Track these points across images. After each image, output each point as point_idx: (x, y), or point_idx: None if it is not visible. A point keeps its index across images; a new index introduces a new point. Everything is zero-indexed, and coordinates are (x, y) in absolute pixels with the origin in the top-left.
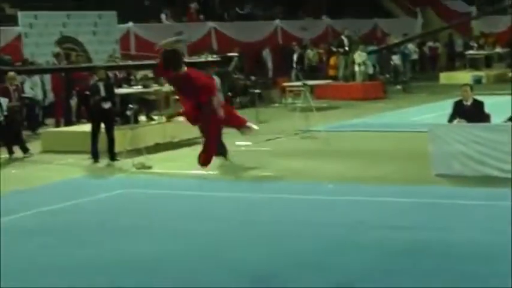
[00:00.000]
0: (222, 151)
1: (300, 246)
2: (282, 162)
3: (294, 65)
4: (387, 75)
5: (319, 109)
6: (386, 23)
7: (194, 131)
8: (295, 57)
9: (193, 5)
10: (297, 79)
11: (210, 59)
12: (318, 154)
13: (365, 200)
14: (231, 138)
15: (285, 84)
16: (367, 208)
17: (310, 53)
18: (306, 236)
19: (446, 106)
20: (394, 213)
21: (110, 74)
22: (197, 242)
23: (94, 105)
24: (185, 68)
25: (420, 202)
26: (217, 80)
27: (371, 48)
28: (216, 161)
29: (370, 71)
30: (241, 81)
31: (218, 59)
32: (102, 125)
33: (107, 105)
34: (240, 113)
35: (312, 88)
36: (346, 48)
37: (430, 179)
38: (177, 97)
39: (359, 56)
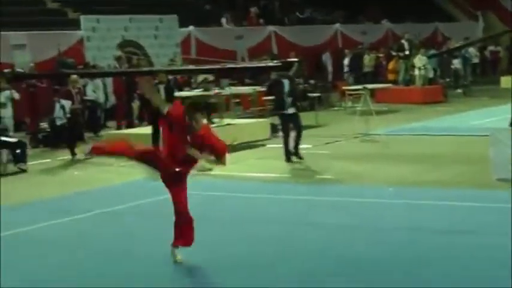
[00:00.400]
0: (288, 154)
1: (361, 249)
2: (341, 165)
3: (346, 69)
4: (448, 79)
5: (378, 113)
6: (447, 26)
7: (255, 134)
8: (346, 61)
9: (254, 9)
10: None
11: (270, 64)
12: (378, 157)
13: (426, 203)
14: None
15: (345, 87)
16: (428, 212)
17: (367, 57)
18: (367, 240)
19: (507, 110)
20: (456, 218)
21: (171, 77)
22: (257, 245)
23: (153, 108)
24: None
25: (481, 206)
26: (286, 83)
27: (431, 52)
28: (280, 164)
29: (431, 74)
30: (300, 86)
31: (279, 63)
32: None
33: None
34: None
35: (372, 92)
36: (407, 52)
37: (491, 184)
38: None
39: (419, 60)
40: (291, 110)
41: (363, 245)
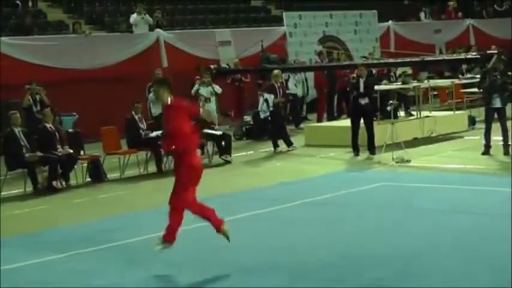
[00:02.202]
0: (486, 147)
1: None
2: None
3: None
4: None
5: None
6: None
7: (453, 126)
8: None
9: (452, 3)
10: None
11: (469, 56)
12: None
13: None
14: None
15: None
16: None
17: None
18: None
19: None
20: None
21: (374, 71)
22: (452, 236)
23: (352, 101)
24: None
25: None
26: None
27: None
28: (478, 156)
29: None
30: (498, 78)
31: (477, 56)
32: (362, 120)
33: (363, 101)
34: None
35: None
36: None
37: None
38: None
39: None
40: (497, 104)
41: None
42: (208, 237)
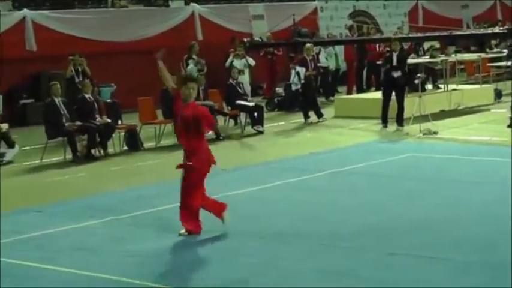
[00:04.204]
0: None
1: None
2: None
3: None
4: None
5: None
6: None
7: (479, 99)
8: None
9: None
10: None
11: (496, 31)
12: None
13: None
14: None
15: None
16: None
17: None
18: None
19: None
20: None
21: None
22: (477, 206)
23: (385, 74)
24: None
25: None
26: None
27: None
28: (504, 128)
29: None
30: None
31: (505, 31)
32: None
33: (396, 74)
34: None
35: None
36: None
37: None
38: None
39: None
40: None
41: None
42: (237, 205)
